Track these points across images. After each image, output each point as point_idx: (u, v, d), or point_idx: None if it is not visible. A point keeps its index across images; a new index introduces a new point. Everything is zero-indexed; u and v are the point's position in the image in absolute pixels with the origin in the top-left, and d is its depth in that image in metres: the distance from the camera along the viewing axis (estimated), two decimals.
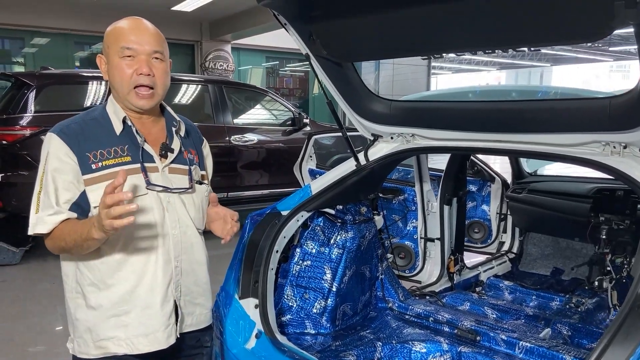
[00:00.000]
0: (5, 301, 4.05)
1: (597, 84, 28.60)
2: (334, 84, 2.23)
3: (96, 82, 5.37)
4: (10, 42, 10.31)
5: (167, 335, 1.52)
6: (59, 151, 1.41)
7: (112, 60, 1.44)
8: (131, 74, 1.43)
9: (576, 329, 2.45)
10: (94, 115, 1.50)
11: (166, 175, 1.52)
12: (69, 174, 1.41)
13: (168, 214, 1.51)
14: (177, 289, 1.54)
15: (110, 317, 1.47)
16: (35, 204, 1.42)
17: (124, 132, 1.48)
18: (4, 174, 4.82)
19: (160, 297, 1.49)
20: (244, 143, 5.99)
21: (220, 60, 11.72)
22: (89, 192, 1.42)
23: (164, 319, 1.51)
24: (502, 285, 3.20)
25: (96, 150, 1.43)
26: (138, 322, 1.48)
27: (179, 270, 1.54)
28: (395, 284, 2.70)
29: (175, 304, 1.54)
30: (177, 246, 1.53)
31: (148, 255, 1.48)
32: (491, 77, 29.07)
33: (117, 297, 1.46)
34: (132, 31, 1.44)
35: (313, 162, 3.97)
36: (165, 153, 1.53)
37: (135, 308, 1.47)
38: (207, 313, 1.70)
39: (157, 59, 1.47)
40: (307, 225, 2.38)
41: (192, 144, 1.66)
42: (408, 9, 1.73)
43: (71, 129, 1.44)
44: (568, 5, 1.44)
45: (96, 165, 1.42)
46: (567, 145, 1.90)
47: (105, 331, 1.47)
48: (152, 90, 1.47)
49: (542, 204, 3.39)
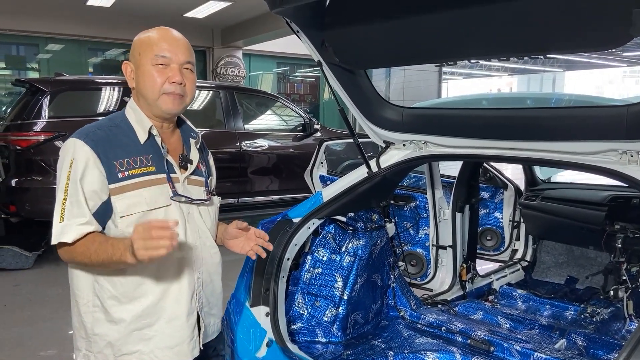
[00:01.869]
0: (17, 305, 4.07)
1: (611, 89, 28.30)
2: (346, 91, 2.22)
3: (109, 88, 5.42)
4: (25, 48, 10.46)
5: (192, 347, 1.51)
6: (87, 158, 1.36)
7: (144, 67, 1.43)
8: (163, 82, 1.43)
9: (592, 340, 2.41)
10: (117, 123, 1.47)
11: (186, 187, 1.52)
12: (95, 182, 1.37)
13: (189, 225, 1.50)
14: (199, 300, 1.54)
15: (132, 331, 1.44)
16: (59, 212, 1.34)
17: (148, 142, 1.47)
18: (17, 178, 4.87)
19: (186, 308, 1.49)
20: (254, 149, 6.00)
21: (231, 66, 11.79)
22: (115, 201, 1.39)
23: (189, 331, 1.50)
24: (515, 294, 3.16)
25: (122, 159, 1.40)
26: (163, 335, 1.46)
27: (200, 282, 1.54)
28: (407, 292, 2.67)
29: (198, 315, 1.54)
30: (199, 257, 1.53)
31: (173, 266, 1.47)
32: (502, 83, 28.88)
33: (141, 310, 1.43)
34: (167, 40, 1.45)
35: (324, 168, 3.96)
36: (185, 164, 1.53)
37: (160, 320, 1.45)
38: (219, 322, 1.70)
39: (188, 70, 1.49)
40: (319, 232, 2.37)
41: (203, 157, 1.67)
42: (420, 16, 1.73)
43: (97, 135, 1.40)
44: (585, 12, 1.42)
45: (123, 174, 1.39)
46: (583, 154, 1.87)
47: (127, 345, 1.44)
48: (182, 97, 1.48)
49: (556, 211, 3.34)
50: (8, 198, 4.96)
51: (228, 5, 9.10)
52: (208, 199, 1.57)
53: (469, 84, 28.78)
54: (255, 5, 8.72)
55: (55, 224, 1.35)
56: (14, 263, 4.90)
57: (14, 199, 4.93)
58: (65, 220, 1.34)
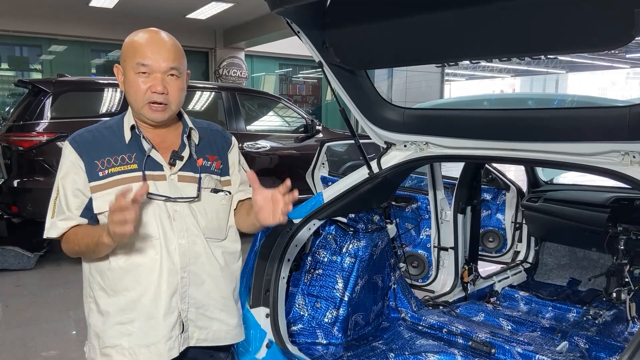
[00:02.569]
0: (20, 306, 4.08)
1: (614, 91, 28.23)
2: (347, 92, 2.22)
3: (112, 89, 5.43)
4: (28, 49, 10.49)
5: (169, 348, 1.48)
6: (71, 158, 1.46)
7: (128, 74, 1.44)
8: (145, 90, 1.43)
9: (594, 342, 2.39)
10: (110, 124, 1.52)
11: (175, 184, 1.50)
12: (78, 181, 1.45)
13: (175, 223, 1.48)
14: (183, 300, 1.50)
15: (115, 324, 1.46)
16: (51, 209, 1.47)
17: (132, 140, 1.48)
18: (19, 179, 4.88)
19: (164, 308, 1.46)
20: (256, 150, 6.00)
21: (233, 67, 11.80)
22: (94, 199, 1.44)
23: (166, 331, 1.47)
24: (517, 296, 3.14)
25: (104, 158, 1.45)
26: (141, 332, 1.46)
27: (186, 282, 1.50)
28: (408, 294, 2.67)
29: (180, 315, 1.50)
30: (184, 256, 1.49)
31: (152, 264, 1.45)
32: (505, 84, 28.84)
33: (123, 304, 1.46)
34: (149, 46, 1.43)
35: (325, 169, 3.95)
36: (174, 161, 1.51)
37: (139, 317, 1.46)
38: (229, 330, 1.60)
39: (173, 76, 1.46)
40: (319, 233, 2.36)
41: (214, 150, 1.61)
42: (421, 16, 1.72)
43: (83, 137, 1.48)
44: (587, 12, 1.42)
45: (103, 172, 1.44)
46: (585, 155, 1.87)
47: (110, 339, 1.47)
48: (165, 105, 1.46)
49: (559, 213, 3.33)
50: (10, 198, 4.98)
51: (230, 7, 9.11)
52: (196, 197, 1.52)
53: (471, 86, 28.75)
54: (258, 7, 8.72)
55: (47, 219, 1.47)
56: (16, 263, 4.91)
57: (16, 200, 4.94)
58: (55, 217, 1.46)
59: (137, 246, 1.44)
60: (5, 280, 4.66)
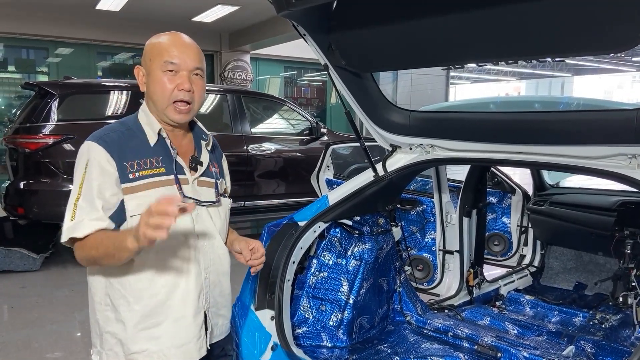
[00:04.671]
0: (25, 307, 4.09)
1: (620, 94, 28.10)
2: (352, 94, 2.22)
3: (117, 92, 5.45)
4: (35, 52, 10.55)
5: (199, 347, 1.53)
6: (100, 159, 1.40)
7: (154, 73, 1.46)
8: (172, 89, 1.45)
9: (600, 347, 2.37)
10: (128, 126, 1.51)
11: (195, 188, 1.54)
12: (109, 182, 1.41)
13: (197, 226, 1.52)
14: (206, 300, 1.55)
15: (140, 331, 1.47)
16: (71, 211, 1.38)
17: (157, 144, 1.49)
18: (26, 181, 4.90)
19: (193, 308, 1.50)
20: (261, 152, 6.00)
21: (239, 70, 11.82)
22: (126, 200, 1.42)
23: (196, 331, 1.52)
24: (523, 300, 3.13)
25: (133, 160, 1.44)
26: (170, 334, 1.48)
27: (208, 282, 1.55)
28: (413, 297, 2.66)
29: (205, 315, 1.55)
30: (206, 258, 1.54)
31: (180, 267, 1.49)
32: (510, 87, 28.76)
33: (149, 309, 1.46)
34: (176, 46, 1.46)
35: (330, 172, 3.95)
36: (195, 166, 1.55)
37: (167, 320, 1.48)
38: (227, 323, 1.70)
39: (198, 75, 1.50)
40: (324, 236, 2.36)
41: (216, 158, 1.68)
42: (427, 19, 1.72)
43: (110, 137, 1.45)
44: (593, 15, 1.41)
45: (133, 175, 1.43)
46: (592, 158, 1.85)
47: (136, 344, 1.47)
48: (189, 106, 1.49)
49: (565, 216, 3.31)
50: (16, 200, 5.00)
51: (236, 10, 9.13)
52: (217, 201, 1.58)
53: (477, 89, 28.69)
54: (263, 10, 8.75)
55: (66, 221, 1.38)
56: (22, 265, 4.93)
57: (22, 201, 4.96)
58: (77, 218, 1.37)
59: (167, 249, 1.46)
60: (10, 281, 4.68)
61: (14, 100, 10.21)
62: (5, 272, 4.85)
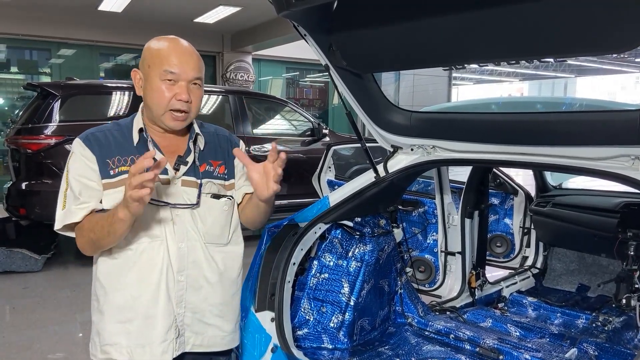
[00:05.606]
0: (26, 308, 4.09)
1: (623, 95, 28.03)
2: (354, 95, 2.21)
3: (119, 93, 5.46)
4: (38, 53, 10.57)
5: (162, 350, 1.49)
6: (81, 153, 1.47)
7: (152, 80, 1.45)
8: (170, 98, 1.44)
9: (603, 349, 2.36)
10: (121, 126, 1.54)
11: (178, 188, 1.51)
12: (91, 176, 1.46)
13: (176, 227, 1.50)
14: (179, 304, 1.51)
15: (115, 323, 1.49)
16: (61, 201, 1.46)
17: (140, 143, 1.50)
18: (28, 182, 4.91)
19: (162, 309, 1.48)
20: (263, 153, 6.00)
21: (241, 71, 11.82)
22: (105, 195, 1.46)
23: (162, 332, 1.48)
24: (525, 302, 3.11)
25: (115, 157, 1.47)
26: (139, 332, 1.48)
27: (183, 285, 1.51)
28: (415, 299, 2.64)
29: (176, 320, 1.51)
30: (183, 260, 1.50)
31: (153, 264, 1.48)
32: (513, 89, 28.73)
33: (122, 302, 1.48)
34: (177, 55, 1.45)
35: (332, 173, 3.94)
36: (179, 165, 1.52)
37: (138, 317, 1.48)
38: (224, 336, 1.62)
39: (196, 85, 1.49)
40: (325, 237, 2.35)
41: (219, 155, 1.62)
42: (429, 19, 1.71)
43: (95, 136, 1.50)
44: (596, 15, 1.40)
45: (114, 171, 1.46)
46: (594, 159, 1.84)
47: (109, 336, 1.49)
48: (186, 114, 1.48)
49: (568, 218, 3.30)
50: (18, 201, 5.01)
51: (238, 11, 9.13)
52: (195, 204, 1.52)
53: (480, 90, 28.66)
54: (265, 11, 8.75)
55: (58, 211, 1.46)
56: (24, 266, 4.93)
57: (24, 202, 4.97)
58: (66, 207, 1.45)
59: (138, 245, 1.47)
60: (12, 282, 4.69)
61: (16, 101, 10.23)
62: (7, 273, 4.86)
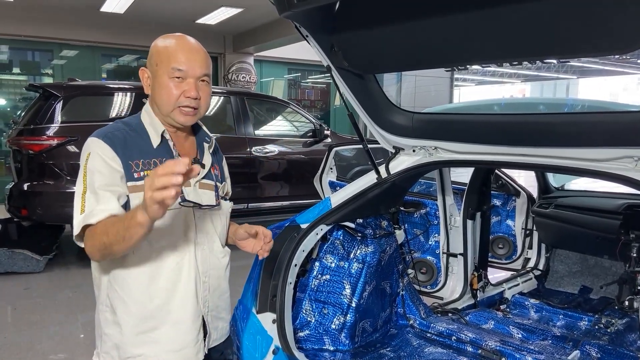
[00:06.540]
0: (28, 309, 4.09)
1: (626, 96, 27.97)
2: (355, 96, 2.21)
3: (122, 94, 5.46)
4: (40, 54, 10.59)
5: (196, 351, 1.52)
6: (104, 154, 1.38)
7: (161, 78, 1.44)
8: (178, 95, 1.44)
9: (606, 351, 2.35)
10: (132, 126, 1.50)
11: (197, 191, 1.52)
12: (113, 176, 1.38)
13: (199, 229, 1.51)
14: (205, 304, 1.54)
15: (137, 334, 1.46)
16: (80, 204, 1.35)
17: (160, 146, 1.48)
18: (29, 182, 4.91)
19: (192, 313, 1.49)
20: (264, 154, 6.00)
21: (242, 72, 11.83)
22: (131, 198, 1.40)
23: (195, 335, 1.51)
24: (527, 304, 3.10)
25: (138, 160, 1.43)
26: (168, 338, 1.47)
27: (207, 286, 1.54)
28: (417, 301, 2.64)
29: (203, 319, 1.54)
30: (206, 262, 1.53)
31: (180, 270, 1.47)
32: (515, 90, 28.69)
33: (147, 312, 1.45)
34: (184, 52, 1.45)
35: (333, 174, 3.94)
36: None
37: (165, 324, 1.47)
38: (226, 326, 1.69)
39: (204, 82, 1.48)
40: (327, 238, 2.35)
41: (217, 161, 1.67)
42: (430, 20, 1.70)
43: (115, 136, 1.43)
44: (598, 16, 1.39)
45: (138, 174, 1.42)
46: (597, 160, 1.83)
47: (132, 348, 1.46)
48: (195, 110, 1.48)
49: (570, 219, 3.29)
50: (20, 202, 5.01)
51: (240, 12, 9.14)
52: (217, 204, 1.57)
53: (482, 91, 28.64)
54: (267, 12, 8.76)
55: (76, 216, 1.35)
56: (25, 266, 4.94)
57: (26, 203, 4.97)
58: (87, 210, 1.33)
59: (166, 251, 1.45)
60: (13, 283, 4.69)
61: (18, 102, 10.25)
62: (9, 274, 4.86)
